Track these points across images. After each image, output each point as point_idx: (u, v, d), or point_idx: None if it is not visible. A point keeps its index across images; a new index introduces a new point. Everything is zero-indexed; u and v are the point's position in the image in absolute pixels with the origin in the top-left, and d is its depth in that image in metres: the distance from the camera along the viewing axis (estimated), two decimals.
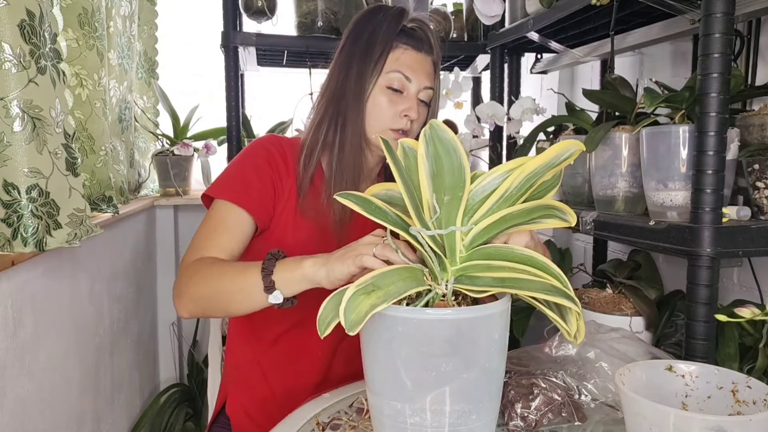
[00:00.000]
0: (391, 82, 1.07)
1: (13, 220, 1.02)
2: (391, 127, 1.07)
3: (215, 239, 1.03)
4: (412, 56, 1.09)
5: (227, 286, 0.93)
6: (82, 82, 1.49)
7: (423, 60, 1.10)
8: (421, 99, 1.09)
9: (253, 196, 1.06)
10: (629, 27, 1.39)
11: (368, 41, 1.08)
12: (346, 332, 0.63)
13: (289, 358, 1.14)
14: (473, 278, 0.69)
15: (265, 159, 1.09)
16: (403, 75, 1.07)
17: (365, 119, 1.08)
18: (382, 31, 1.08)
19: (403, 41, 1.08)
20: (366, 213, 0.68)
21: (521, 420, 0.83)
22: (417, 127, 1.10)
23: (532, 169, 0.70)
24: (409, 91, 1.08)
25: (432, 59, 1.12)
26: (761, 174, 0.93)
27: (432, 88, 1.11)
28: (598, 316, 1.16)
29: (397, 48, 1.08)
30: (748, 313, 0.75)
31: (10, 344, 1.08)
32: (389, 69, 1.07)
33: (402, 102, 1.07)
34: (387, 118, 1.07)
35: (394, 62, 1.07)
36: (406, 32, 1.09)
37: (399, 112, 1.07)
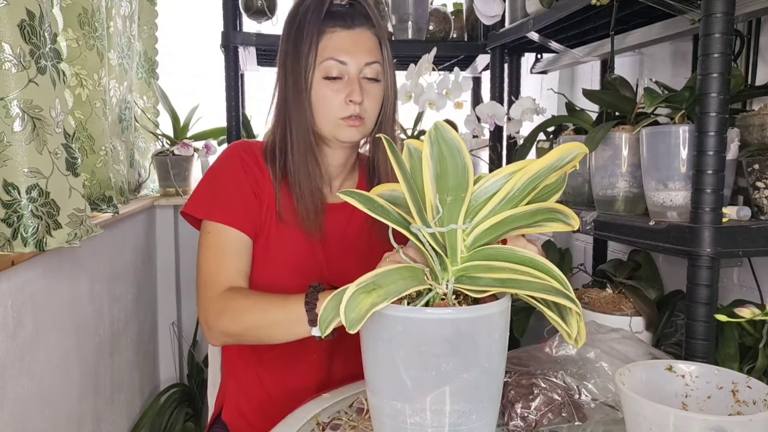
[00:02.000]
0: (326, 71, 1.03)
1: (13, 220, 1.02)
2: (340, 117, 1.04)
3: (229, 265, 1.03)
4: (343, 37, 1.03)
5: (266, 321, 0.94)
6: (82, 82, 1.49)
7: (358, 36, 1.04)
8: (367, 77, 1.05)
9: (241, 213, 1.05)
10: (629, 27, 1.39)
11: (296, 37, 1.04)
12: (347, 331, 0.63)
13: (286, 362, 1.13)
14: (474, 278, 0.69)
15: (241, 169, 1.08)
16: (337, 60, 1.02)
17: (313, 116, 1.05)
18: (307, 22, 1.03)
19: (330, 25, 1.03)
20: (369, 211, 0.68)
21: (521, 420, 0.83)
22: (371, 107, 1.06)
23: (535, 172, 0.70)
24: (349, 75, 1.03)
25: (372, 32, 1.06)
26: (761, 174, 0.93)
27: (377, 62, 1.05)
28: (598, 316, 1.16)
29: (325, 34, 1.03)
30: (748, 313, 0.75)
31: (10, 344, 1.08)
32: (322, 58, 1.02)
33: (344, 88, 1.03)
34: (334, 108, 1.04)
35: (325, 50, 1.03)
36: (334, 14, 1.04)
37: (343, 99, 1.03)
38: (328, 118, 1.04)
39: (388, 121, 1.10)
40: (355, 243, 1.14)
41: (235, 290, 1.00)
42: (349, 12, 1.05)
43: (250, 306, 0.96)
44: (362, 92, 1.04)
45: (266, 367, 1.14)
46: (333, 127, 1.05)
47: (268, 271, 1.09)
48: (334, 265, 1.12)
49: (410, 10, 1.85)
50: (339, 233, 1.13)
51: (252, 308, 0.96)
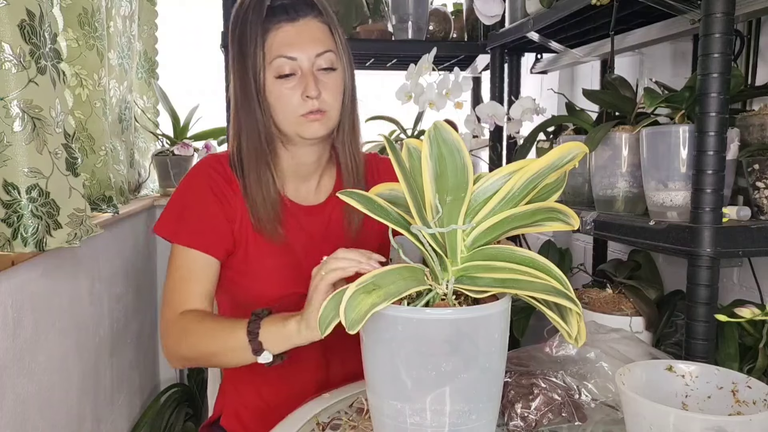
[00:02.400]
0: (277, 70, 0.99)
1: (13, 220, 1.02)
2: (300, 114, 1.00)
3: (189, 289, 1.02)
4: (288, 31, 0.99)
5: (216, 349, 0.95)
6: (82, 82, 1.49)
7: (303, 27, 1.00)
8: (322, 68, 1.01)
9: (208, 235, 1.04)
10: (629, 27, 1.39)
11: (239, 40, 1.01)
12: (347, 331, 0.63)
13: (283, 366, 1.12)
14: (474, 278, 0.69)
15: (208, 187, 1.06)
16: (286, 57, 0.98)
17: (272, 117, 1.02)
18: (249, 23, 0.99)
19: (273, 21, 0.99)
20: (368, 212, 0.68)
21: (521, 420, 0.83)
22: (330, 98, 1.02)
23: (535, 171, 0.70)
24: (301, 70, 1.00)
25: (319, 20, 1.02)
26: (761, 174, 0.93)
27: (329, 50, 1.01)
28: (598, 316, 1.16)
29: (270, 31, 0.99)
30: (748, 313, 0.75)
31: (10, 344, 1.08)
32: (271, 57, 0.99)
33: (299, 84, 0.99)
34: (292, 106, 1.00)
35: (272, 48, 0.99)
36: (276, 8, 1.00)
37: (300, 95, 0.99)
38: (289, 117, 1.01)
39: (347, 110, 1.06)
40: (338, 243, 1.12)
41: (192, 314, 1.00)
42: (291, 4, 1.00)
43: (203, 332, 0.96)
44: (318, 85, 1.00)
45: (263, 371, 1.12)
46: (295, 125, 1.01)
47: (252, 281, 1.08)
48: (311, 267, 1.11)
49: (410, 10, 1.85)
50: (320, 234, 1.11)
51: (204, 335, 0.96)
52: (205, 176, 1.07)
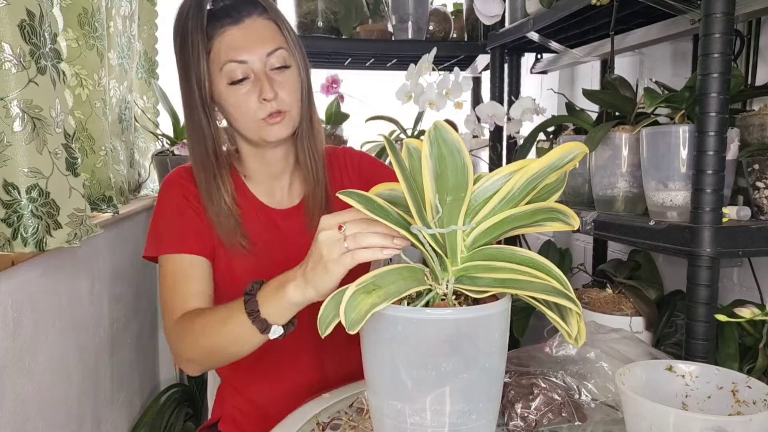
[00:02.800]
0: (229, 76, 0.96)
1: (13, 220, 1.02)
2: (260, 118, 0.98)
3: (184, 291, 0.98)
4: (234, 34, 0.96)
5: (221, 342, 0.87)
6: (82, 82, 1.49)
7: (249, 28, 0.96)
8: (275, 67, 0.98)
9: (189, 236, 1.02)
10: (629, 27, 1.39)
11: (182, 51, 0.97)
12: (347, 331, 0.63)
13: (276, 369, 1.11)
14: (474, 278, 0.69)
15: (181, 195, 1.05)
16: (236, 61, 0.95)
17: (234, 124, 1.00)
18: (190, 31, 0.96)
19: (217, 27, 0.96)
20: (368, 212, 0.68)
21: (521, 420, 0.83)
22: (288, 96, 0.99)
23: (536, 171, 0.70)
24: (254, 72, 0.96)
25: (265, 17, 0.98)
26: (761, 174, 0.93)
27: (281, 47, 0.98)
28: (598, 316, 1.16)
29: (215, 38, 0.96)
30: (748, 313, 0.75)
31: (10, 344, 1.08)
32: (220, 64, 0.95)
33: (254, 88, 0.96)
34: (251, 111, 0.97)
35: (219, 54, 0.95)
36: (217, 12, 0.96)
37: (257, 99, 0.96)
38: (249, 122, 0.99)
39: (304, 106, 1.03)
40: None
41: (189, 314, 0.95)
42: (233, 5, 0.97)
43: (201, 329, 0.90)
44: (273, 85, 0.97)
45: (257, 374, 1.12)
46: (257, 130, 0.99)
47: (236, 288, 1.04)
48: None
49: (410, 10, 1.85)
50: (298, 236, 1.09)
51: (203, 331, 0.90)
52: (176, 185, 1.06)
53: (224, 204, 1.02)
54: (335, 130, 2.00)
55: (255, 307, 0.82)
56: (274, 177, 1.10)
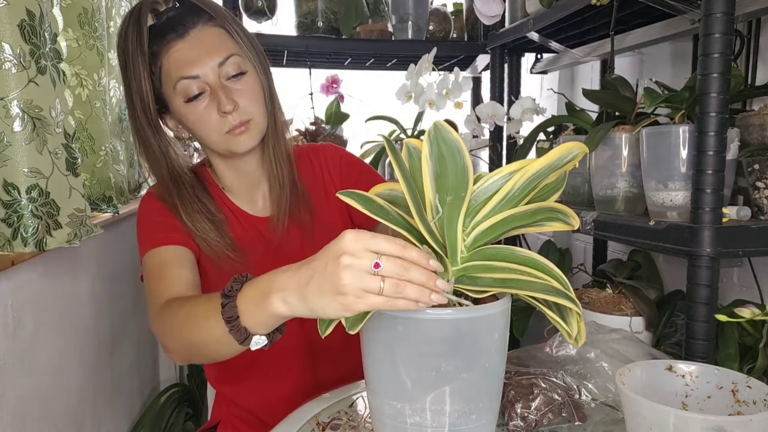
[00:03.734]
0: (185, 93, 0.92)
1: (13, 220, 1.02)
2: (224, 131, 0.94)
3: (167, 277, 0.92)
4: (181, 48, 0.91)
5: (201, 337, 0.76)
6: (82, 82, 1.49)
7: (195, 40, 0.91)
8: (230, 76, 0.93)
9: (171, 231, 0.99)
10: (629, 27, 1.39)
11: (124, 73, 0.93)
12: (347, 331, 0.63)
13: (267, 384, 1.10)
14: (474, 278, 0.69)
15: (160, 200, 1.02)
16: (187, 77, 0.91)
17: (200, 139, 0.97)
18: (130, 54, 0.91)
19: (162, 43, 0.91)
20: (368, 212, 0.68)
21: (521, 420, 0.83)
22: (251, 104, 0.95)
23: (536, 171, 0.70)
24: (209, 85, 0.92)
25: (211, 24, 0.93)
26: (761, 174, 0.93)
27: (233, 54, 0.93)
28: (598, 316, 1.16)
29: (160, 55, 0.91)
30: (748, 313, 0.75)
31: (10, 344, 1.08)
32: (172, 82, 0.91)
33: (212, 101, 0.92)
34: (213, 125, 0.94)
35: (170, 71, 0.91)
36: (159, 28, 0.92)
37: (217, 113, 0.93)
38: (214, 137, 0.95)
39: (269, 110, 1.00)
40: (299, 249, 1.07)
41: (175, 300, 0.86)
42: (177, 17, 0.92)
43: (185, 319, 0.80)
44: (232, 95, 0.92)
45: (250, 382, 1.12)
46: (224, 143, 0.96)
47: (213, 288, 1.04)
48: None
49: (410, 10, 1.85)
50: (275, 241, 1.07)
51: (186, 321, 0.79)
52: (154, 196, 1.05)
53: (198, 220, 0.99)
54: (335, 130, 1.99)
55: (234, 313, 0.70)
56: (252, 185, 1.08)
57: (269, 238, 1.07)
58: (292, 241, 1.08)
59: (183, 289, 0.91)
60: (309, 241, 1.08)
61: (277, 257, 1.05)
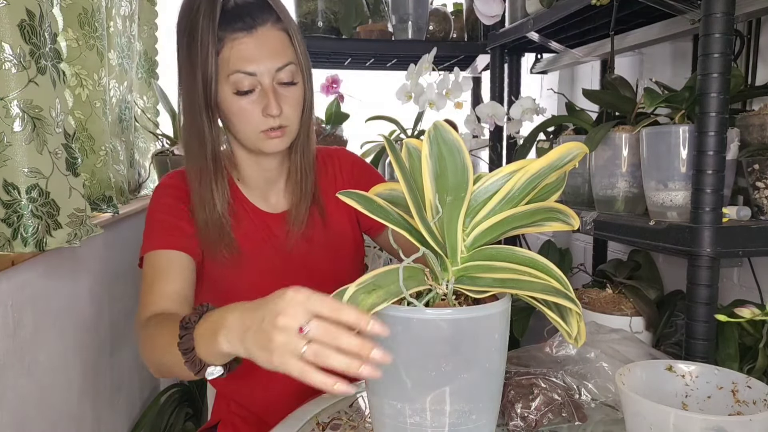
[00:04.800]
0: (236, 86, 0.93)
1: (13, 220, 1.02)
2: (261, 130, 0.96)
3: (157, 289, 0.95)
4: (246, 43, 0.92)
5: (169, 361, 0.78)
6: (82, 82, 1.49)
7: (262, 39, 0.93)
8: (282, 82, 0.96)
9: (175, 234, 1.00)
10: (629, 27, 1.39)
11: (189, 49, 0.93)
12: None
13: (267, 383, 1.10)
14: (474, 278, 0.69)
15: (172, 197, 1.03)
16: (245, 73, 0.92)
17: (233, 130, 0.98)
18: (200, 29, 0.91)
19: (228, 30, 0.91)
20: (368, 212, 0.68)
21: (521, 420, 0.83)
22: (291, 112, 0.98)
23: (536, 171, 0.70)
24: (261, 85, 0.94)
25: (279, 27, 0.95)
26: (761, 174, 0.93)
27: (291, 63, 0.95)
28: (598, 316, 1.16)
29: (225, 42, 0.92)
30: (748, 313, 0.75)
31: (10, 344, 1.08)
32: (228, 72, 0.92)
33: (259, 100, 0.94)
34: (253, 122, 0.96)
35: (228, 62, 0.92)
36: (230, 13, 0.92)
37: (261, 111, 0.95)
38: (249, 132, 0.97)
39: (305, 121, 1.03)
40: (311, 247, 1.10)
41: (154, 318, 0.89)
42: (247, 7, 0.93)
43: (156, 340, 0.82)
44: (279, 101, 0.95)
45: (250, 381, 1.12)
46: (255, 140, 0.98)
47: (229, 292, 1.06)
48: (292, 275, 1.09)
49: (410, 10, 1.85)
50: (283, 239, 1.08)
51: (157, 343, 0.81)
52: (168, 188, 1.05)
53: (215, 212, 1.00)
54: (335, 130, 2.00)
55: (190, 345, 0.73)
56: (269, 182, 1.09)
57: (279, 236, 1.08)
58: (300, 243, 1.09)
59: (168, 303, 0.93)
60: (318, 245, 1.10)
61: (286, 257, 1.07)
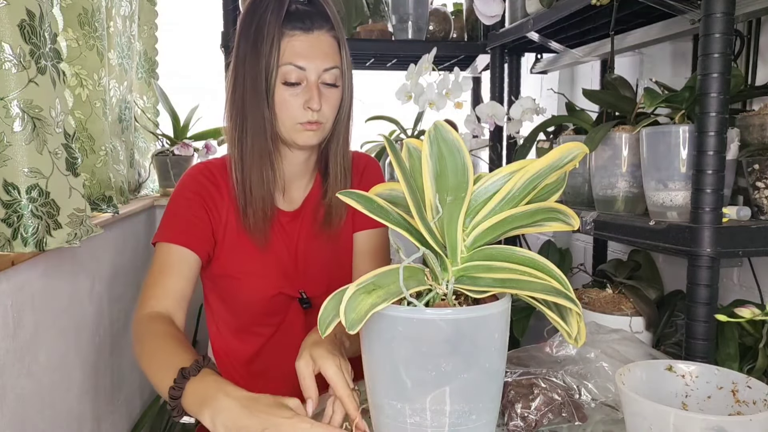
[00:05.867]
0: (285, 76, 1.01)
1: (13, 220, 1.02)
2: (299, 121, 1.03)
3: (162, 283, 1.01)
4: (302, 41, 1.01)
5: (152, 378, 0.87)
6: (82, 82, 1.49)
7: (317, 40, 1.02)
8: (326, 83, 1.03)
9: (191, 232, 1.05)
10: (629, 27, 1.39)
11: (255, 38, 1.00)
12: (347, 331, 0.63)
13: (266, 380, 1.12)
14: (474, 278, 0.69)
15: (194, 191, 1.08)
16: (296, 66, 1.00)
17: (275, 120, 1.03)
18: (267, 23, 0.99)
19: (289, 27, 1.00)
20: (368, 212, 0.68)
21: (521, 420, 0.83)
22: (329, 111, 1.05)
23: (536, 171, 0.70)
24: (307, 81, 1.02)
25: (331, 34, 1.03)
26: (761, 174, 0.93)
27: (336, 67, 1.04)
28: (598, 316, 1.16)
29: (285, 37, 1.00)
30: (748, 313, 0.75)
31: (10, 344, 1.08)
32: (282, 62, 1.00)
33: (302, 93, 1.02)
34: (292, 112, 1.02)
35: (284, 54, 1.00)
36: (293, 14, 1.01)
37: (302, 104, 1.02)
38: (286, 122, 1.03)
39: (342, 123, 1.09)
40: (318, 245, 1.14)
41: (153, 324, 0.95)
42: (308, 13, 1.02)
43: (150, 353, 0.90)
44: (321, 98, 1.02)
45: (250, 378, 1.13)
46: (291, 131, 1.04)
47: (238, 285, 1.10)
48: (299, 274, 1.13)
49: (410, 10, 1.85)
50: (300, 236, 1.13)
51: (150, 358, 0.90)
52: (192, 181, 1.10)
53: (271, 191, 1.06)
54: None
55: (179, 394, 0.79)
56: (291, 177, 1.12)
57: (288, 232, 1.12)
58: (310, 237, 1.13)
59: (169, 302, 1.00)
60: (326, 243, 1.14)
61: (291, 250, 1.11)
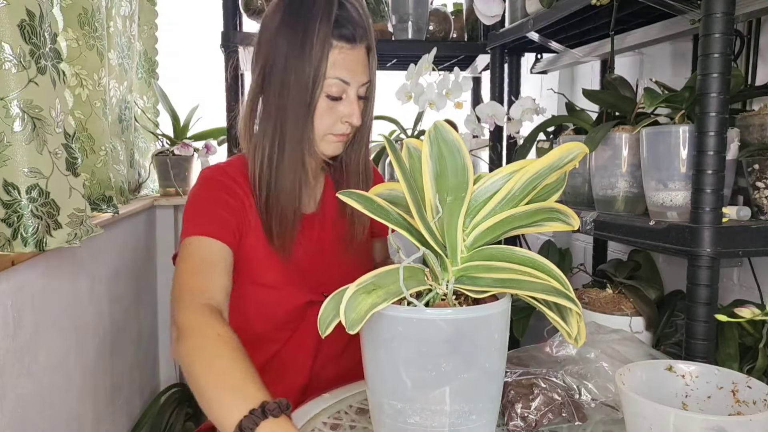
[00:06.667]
0: (329, 89, 0.98)
1: (13, 220, 1.02)
2: (332, 133, 1.02)
3: (210, 276, 0.95)
4: (348, 54, 0.98)
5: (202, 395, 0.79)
6: (82, 82, 1.49)
7: (359, 54, 1.00)
8: (360, 96, 1.03)
9: (223, 223, 1.01)
10: (629, 27, 1.39)
11: (303, 43, 0.96)
12: (347, 331, 0.63)
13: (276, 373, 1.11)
14: (474, 278, 0.69)
15: (222, 191, 1.04)
16: (340, 79, 0.98)
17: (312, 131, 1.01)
18: (317, 30, 0.95)
19: (335, 36, 0.97)
20: (368, 212, 0.68)
21: (521, 420, 0.83)
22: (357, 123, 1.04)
23: (536, 171, 0.70)
24: (348, 95, 1.00)
25: (366, 45, 1.01)
26: (761, 174, 0.93)
27: (370, 81, 1.03)
28: (598, 316, 1.16)
29: (333, 49, 0.97)
30: (748, 313, 0.75)
31: (10, 344, 1.08)
32: (329, 75, 0.97)
33: (342, 107, 1.00)
34: (327, 124, 1.00)
35: (331, 66, 0.97)
36: (338, 24, 0.97)
37: (340, 118, 1.00)
38: (320, 132, 1.02)
39: (365, 131, 1.08)
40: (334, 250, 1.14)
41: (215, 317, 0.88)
42: (352, 24, 0.99)
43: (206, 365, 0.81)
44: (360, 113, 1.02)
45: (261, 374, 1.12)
46: (321, 140, 1.03)
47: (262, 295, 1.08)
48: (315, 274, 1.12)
49: (410, 10, 1.85)
50: (317, 241, 1.12)
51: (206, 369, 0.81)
52: (214, 181, 1.06)
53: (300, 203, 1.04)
54: None
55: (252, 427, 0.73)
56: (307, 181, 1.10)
57: (308, 235, 1.11)
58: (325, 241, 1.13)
59: (221, 297, 0.94)
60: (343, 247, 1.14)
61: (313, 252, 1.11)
